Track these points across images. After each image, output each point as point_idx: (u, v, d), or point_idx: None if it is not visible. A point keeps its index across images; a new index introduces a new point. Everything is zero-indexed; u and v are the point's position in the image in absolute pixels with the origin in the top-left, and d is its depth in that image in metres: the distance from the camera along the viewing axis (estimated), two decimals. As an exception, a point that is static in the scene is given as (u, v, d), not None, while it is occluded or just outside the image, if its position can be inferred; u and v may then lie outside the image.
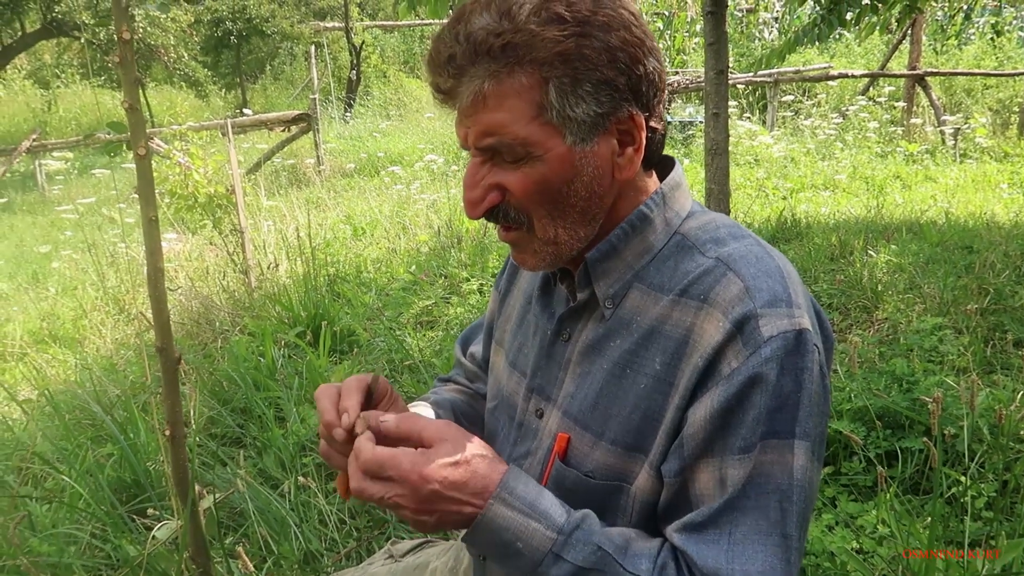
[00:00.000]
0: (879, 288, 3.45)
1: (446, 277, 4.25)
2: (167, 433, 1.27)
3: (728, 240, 0.87)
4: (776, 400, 0.77)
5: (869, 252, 4.11)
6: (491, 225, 4.15)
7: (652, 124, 0.87)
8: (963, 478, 1.79)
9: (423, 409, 1.12)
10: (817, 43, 3.84)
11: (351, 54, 13.74)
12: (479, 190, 0.86)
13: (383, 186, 7.52)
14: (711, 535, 0.78)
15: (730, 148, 3.29)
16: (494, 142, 0.82)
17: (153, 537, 1.40)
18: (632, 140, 0.85)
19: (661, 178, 0.94)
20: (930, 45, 12.39)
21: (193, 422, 1.66)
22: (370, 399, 0.94)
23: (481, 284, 4.04)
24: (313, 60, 11.10)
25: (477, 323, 1.31)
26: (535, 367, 0.99)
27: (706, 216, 0.93)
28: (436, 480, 0.80)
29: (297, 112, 9.60)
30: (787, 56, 3.96)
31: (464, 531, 0.83)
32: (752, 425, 0.77)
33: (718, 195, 3.05)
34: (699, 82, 8.77)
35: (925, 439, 1.63)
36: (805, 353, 0.78)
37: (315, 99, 9.44)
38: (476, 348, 1.28)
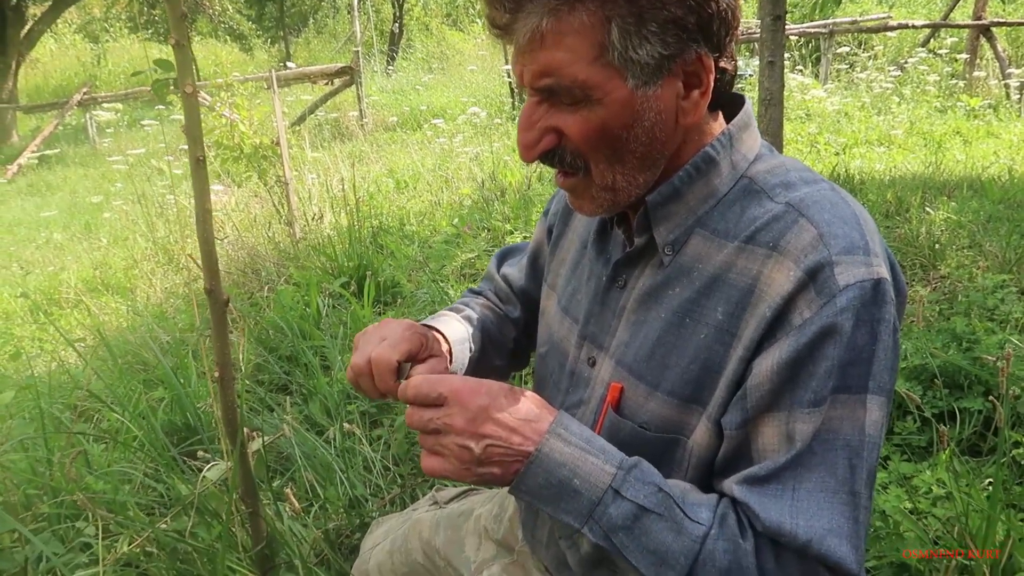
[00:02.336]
0: (937, 246, 3.33)
1: (489, 230, 4.22)
2: (216, 375, 1.27)
3: (799, 185, 0.82)
4: (850, 352, 0.73)
5: (927, 209, 3.97)
6: (535, 178, 4.08)
7: (722, 65, 0.81)
8: (1026, 440, 1.72)
9: (453, 323, 1.09)
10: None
11: (394, 7, 13.62)
12: (534, 132, 0.82)
13: (426, 140, 7.49)
14: (773, 489, 0.75)
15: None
16: (551, 83, 0.78)
17: (203, 477, 1.42)
18: (699, 83, 0.80)
19: (728, 117, 0.89)
20: (997, -6, 11.79)
21: (242, 367, 1.68)
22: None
23: (525, 237, 4.01)
24: (356, 13, 10.98)
25: (520, 244, 1.28)
26: (588, 314, 0.96)
27: (775, 159, 0.87)
28: (486, 394, 0.77)
29: (340, 65, 9.56)
30: (843, 2, 3.78)
31: (508, 485, 0.79)
32: (823, 378, 0.73)
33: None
34: (749, 33, 8.47)
35: (992, 398, 1.56)
36: (882, 304, 0.74)
37: (358, 52, 9.37)
38: (512, 271, 1.24)
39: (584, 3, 0.74)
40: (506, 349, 1.20)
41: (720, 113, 0.89)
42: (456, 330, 1.08)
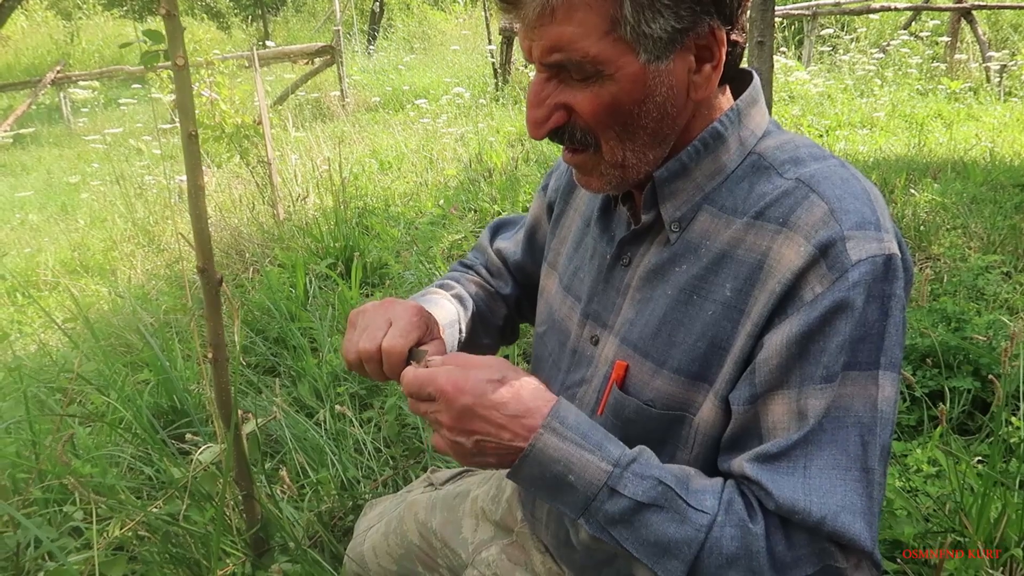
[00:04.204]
0: (922, 227, 3.35)
1: (476, 211, 4.19)
2: (210, 356, 1.25)
3: (808, 161, 0.81)
4: (862, 328, 0.72)
5: (911, 191, 3.99)
6: (522, 159, 4.06)
7: (733, 37, 0.80)
8: (1015, 419, 1.74)
9: (442, 301, 1.08)
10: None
11: (374, -15, 13.40)
12: (544, 109, 0.81)
13: (409, 120, 7.41)
14: (785, 467, 0.74)
15: (773, 79, 3.16)
16: (561, 58, 0.76)
17: (196, 460, 1.40)
18: (711, 56, 0.79)
19: (736, 92, 0.88)
20: (977, -23, 11.85)
21: (237, 347, 1.66)
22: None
23: (512, 218, 3.98)
24: (336, -9, 10.83)
25: (514, 217, 1.26)
26: (591, 292, 0.95)
27: (784, 135, 0.87)
28: (471, 393, 0.76)
29: (321, 44, 9.43)
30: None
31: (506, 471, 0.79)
32: (835, 353, 0.73)
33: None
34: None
35: (991, 377, 1.57)
36: (894, 280, 0.73)
37: (338, 31, 9.24)
38: (506, 244, 1.22)
39: None
40: (495, 327, 1.19)
41: (727, 88, 0.87)
42: (447, 312, 1.07)
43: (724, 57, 0.79)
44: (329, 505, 1.84)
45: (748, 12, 0.82)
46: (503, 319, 1.20)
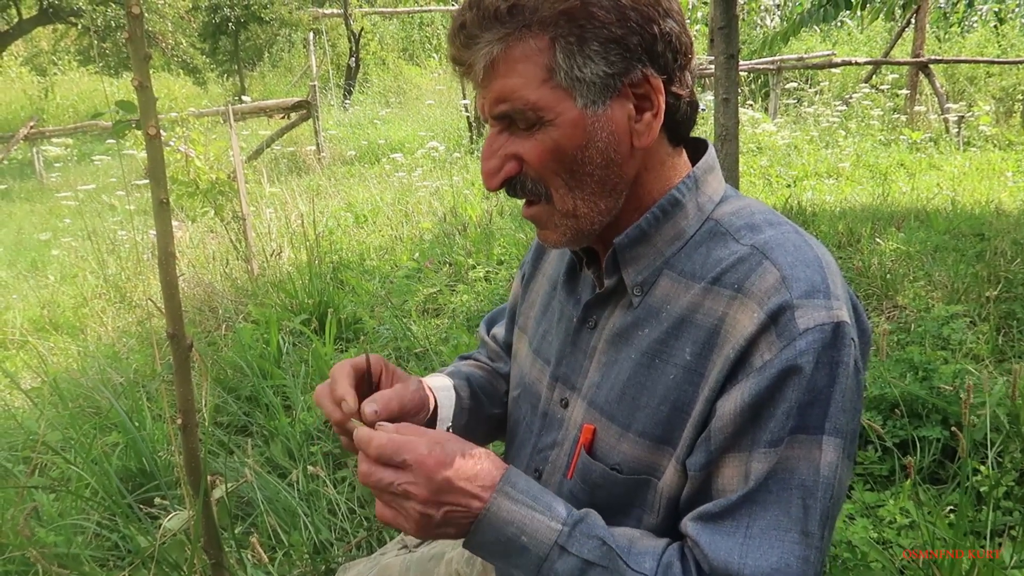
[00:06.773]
0: (888, 276, 3.42)
1: (451, 265, 4.21)
2: (179, 422, 1.23)
3: (764, 227, 0.84)
4: (809, 394, 0.74)
5: (877, 240, 4.08)
6: (496, 212, 4.11)
7: (675, 90, 0.83)
8: (983, 467, 1.76)
9: (440, 379, 1.09)
10: (823, 24, 3.78)
11: (350, 41, 13.59)
12: (496, 160, 0.84)
13: (384, 173, 7.47)
14: (727, 527, 0.76)
15: (737, 134, 3.24)
16: (507, 109, 0.80)
17: (164, 528, 1.37)
18: (650, 104, 0.81)
19: (693, 161, 0.91)
20: (932, 32, 12.32)
21: (204, 412, 1.63)
22: (370, 381, 0.92)
23: (487, 272, 4.00)
24: (311, 47, 10.98)
25: (503, 306, 1.29)
26: (560, 355, 0.96)
27: (740, 201, 0.89)
28: (451, 466, 0.76)
29: (297, 99, 9.52)
30: (790, 39, 3.92)
31: (463, 539, 0.79)
32: (782, 419, 0.74)
33: (727, 182, 3.02)
34: (700, 70, 8.69)
35: (954, 428, 1.60)
36: (842, 347, 0.75)
37: (314, 86, 9.35)
38: (499, 331, 1.25)
39: (531, 28, 0.77)
40: (498, 397, 1.19)
41: (684, 152, 0.90)
42: (437, 379, 1.08)
43: (663, 106, 0.81)
44: (301, 570, 1.80)
45: (690, 70, 0.84)
46: (504, 393, 1.20)
